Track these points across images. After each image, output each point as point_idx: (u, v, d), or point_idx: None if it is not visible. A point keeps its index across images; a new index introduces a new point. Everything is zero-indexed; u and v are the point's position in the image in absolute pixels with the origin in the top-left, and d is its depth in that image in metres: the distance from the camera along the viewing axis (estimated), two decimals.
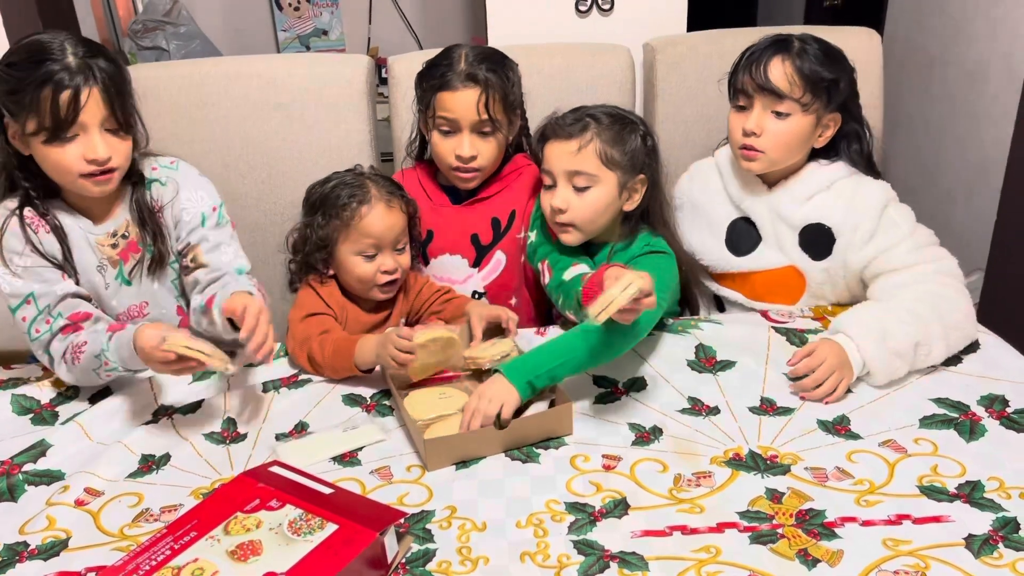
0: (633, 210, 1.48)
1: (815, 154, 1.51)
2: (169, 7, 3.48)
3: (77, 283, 1.36)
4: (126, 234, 1.39)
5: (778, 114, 1.43)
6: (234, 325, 1.25)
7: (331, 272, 1.49)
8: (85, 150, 1.26)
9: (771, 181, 1.53)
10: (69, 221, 1.35)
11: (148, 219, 1.39)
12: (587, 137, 1.41)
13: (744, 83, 1.45)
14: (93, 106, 1.24)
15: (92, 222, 1.37)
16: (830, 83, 1.42)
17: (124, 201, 1.40)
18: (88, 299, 1.37)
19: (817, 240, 1.49)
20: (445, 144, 1.52)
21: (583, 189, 1.43)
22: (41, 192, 1.33)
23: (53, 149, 1.25)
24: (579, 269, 1.43)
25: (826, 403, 1.26)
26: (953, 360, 1.36)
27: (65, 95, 1.22)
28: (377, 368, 1.37)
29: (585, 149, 1.41)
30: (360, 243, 1.44)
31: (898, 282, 1.40)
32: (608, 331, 1.23)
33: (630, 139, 1.44)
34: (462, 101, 1.48)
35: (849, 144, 1.50)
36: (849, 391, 1.28)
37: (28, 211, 1.33)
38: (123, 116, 1.28)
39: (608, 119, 1.44)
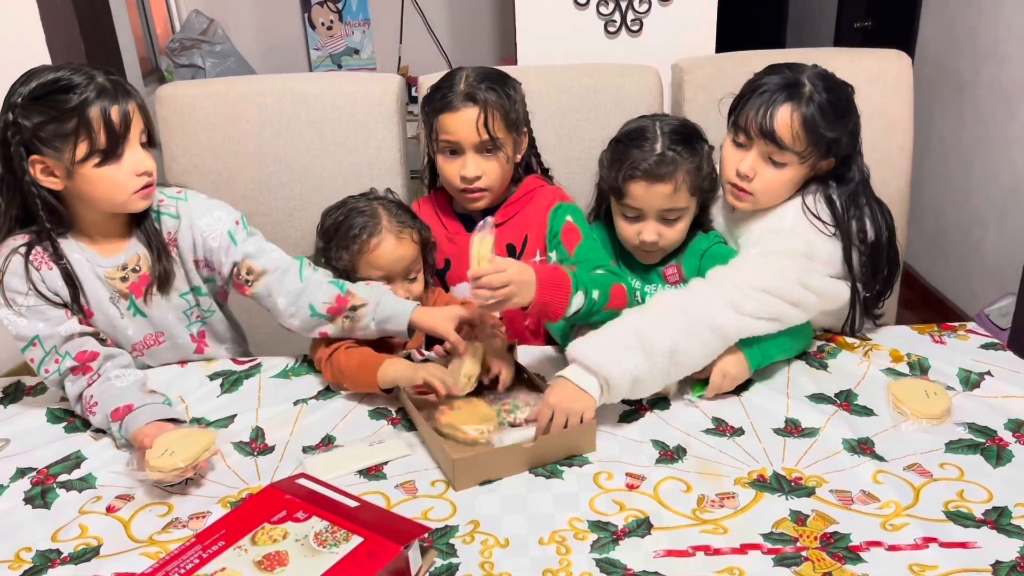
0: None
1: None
2: (206, 26, 3.56)
3: (85, 321, 1.36)
4: (137, 268, 1.38)
5: (775, 162, 1.41)
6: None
7: None
8: (135, 165, 1.29)
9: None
10: (77, 256, 1.34)
11: (159, 247, 1.38)
12: (680, 178, 1.42)
13: (747, 123, 1.41)
14: (137, 120, 1.29)
15: (100, 256, 1.36)
16: (832, 140, 1.39)
17: (132, 234, 1.39)
18: (95, 335, 1.36)
19: None
20: (450, 166, 1.53)
21: (674, 220, 1.46)
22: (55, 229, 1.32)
23: (107, 169, 1.27)
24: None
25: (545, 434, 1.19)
26: (973, 384, 1.35)
27: (115, 111, 1.25)
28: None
29: (680, 189, 1.43)
30: (370, 274, 1.46)
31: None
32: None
33: (706, 164, 1.47)
34: (462, 121, 1.49)
35: (840, 179, 1.45)
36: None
37: (35, 249, 1.31)
38: (152, 129, 1.33)
39: (687, 151, 1.43)
